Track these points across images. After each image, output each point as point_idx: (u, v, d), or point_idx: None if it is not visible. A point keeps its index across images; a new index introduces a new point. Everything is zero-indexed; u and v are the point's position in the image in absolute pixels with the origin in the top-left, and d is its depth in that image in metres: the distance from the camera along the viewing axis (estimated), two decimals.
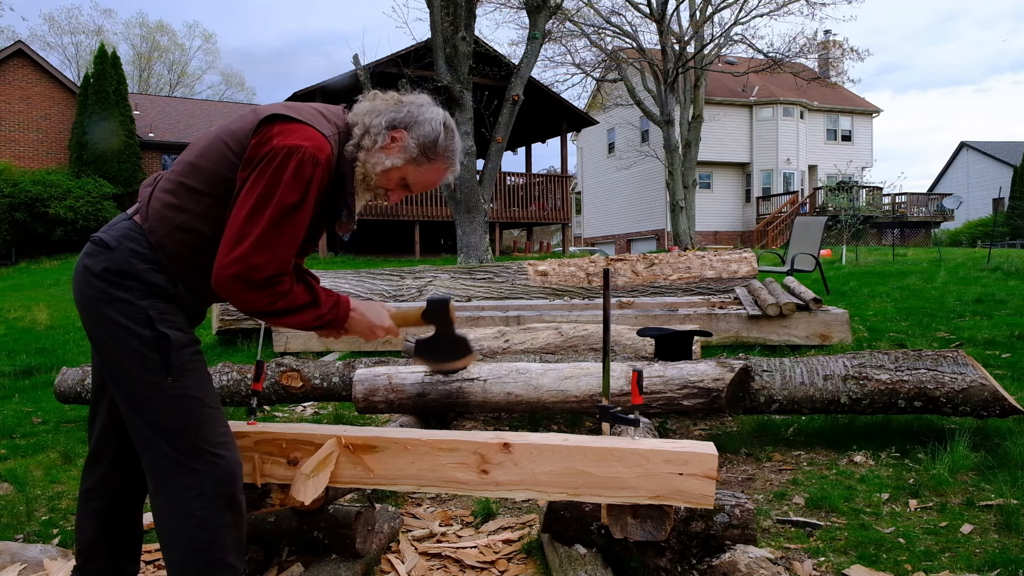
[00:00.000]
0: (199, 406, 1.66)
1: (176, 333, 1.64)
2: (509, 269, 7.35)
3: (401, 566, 2.27)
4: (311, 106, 1.73)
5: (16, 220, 18.56)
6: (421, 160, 1.73)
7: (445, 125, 1.76)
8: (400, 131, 1.72)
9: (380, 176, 1.73)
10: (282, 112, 1.64)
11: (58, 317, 8.56)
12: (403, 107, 1.74)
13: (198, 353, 1.71)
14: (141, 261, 1.63)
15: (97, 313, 1.63)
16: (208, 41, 62.99)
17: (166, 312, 1.64)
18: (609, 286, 2.39)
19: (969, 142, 38.69)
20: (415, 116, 1.73)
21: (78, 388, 3.99)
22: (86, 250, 1.68)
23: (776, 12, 21.73)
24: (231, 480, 1.67)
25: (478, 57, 14.15)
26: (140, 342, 1.61)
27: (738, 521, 2.10)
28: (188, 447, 1.63)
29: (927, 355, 3.19)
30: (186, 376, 1.64)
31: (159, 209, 1.65)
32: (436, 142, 1.73)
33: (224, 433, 1.70)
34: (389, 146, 1.71)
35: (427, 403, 3.24)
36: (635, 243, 30.97)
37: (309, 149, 1.59)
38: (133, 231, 1.65)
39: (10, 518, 2.80)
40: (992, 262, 10.15)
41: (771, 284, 6.37)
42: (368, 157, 1.71)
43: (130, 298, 1.61)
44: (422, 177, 1.77)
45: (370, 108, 1.75)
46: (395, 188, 1.77)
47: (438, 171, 1.78)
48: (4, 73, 21.29)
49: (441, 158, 1.76)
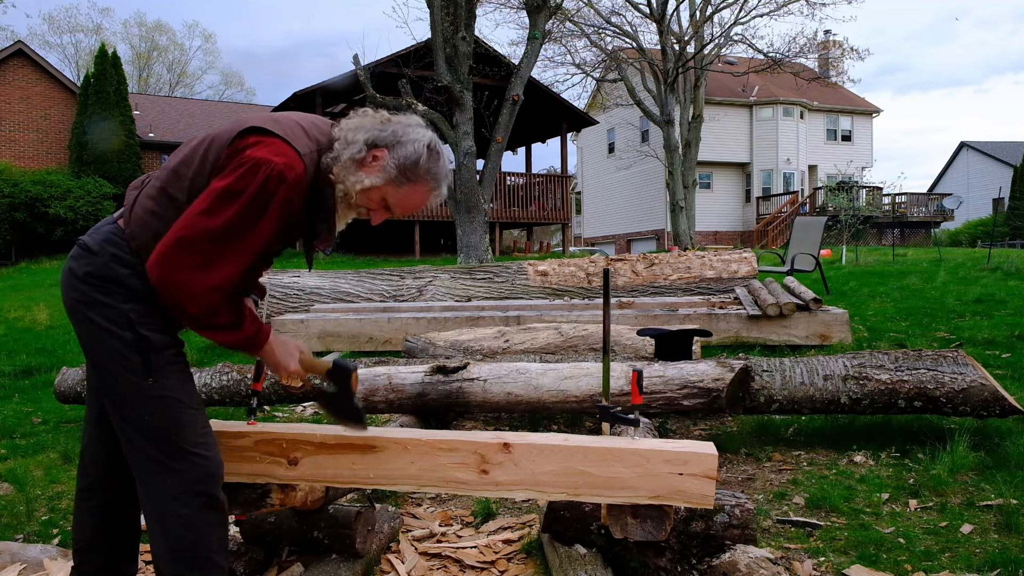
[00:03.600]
0: (179, 407, 1.67)
1: (156, 335, 1.65)
2: (509, 269, 7.35)
3: (401, 566, 2.27)
4: (295, 119, 1.71)
5: (16, 220, 18.55)
6: (401, 181, 1.69)
7: (429, 147, 1.71)
8: (381, 150, 1.69)
9: (359, 195, 1.69)
10: (261, 125, 1.63)
11: (58, 317, 8.55)
12: (389, 126, 1.71)
13: (179, 355, 1.72)
14: (122, 266, 1.64)
15: (81, 316, 1.66)
16: (208, 41, 63.07)
17: (146, 315, 1.65)
18: (609, 286, 2.39)
19: (969, 142, 38.68)
20: (399, 136, 1.70)
21: (78, 388, 3.99)
22: (72, 253, 1.70)
23: (776, 12, 21.74)
24: (212, 480, 1.69)
25: (478, 57, 14.15)
26: (122, 344, 1.63)
27: (738, 521, 2.10)
28: (169, 447, 1.65)
29: (927, 355, 3.19)
30: (166, 377, 1.66)
31: (141, 215, 1.66)
32: (417, 163, 1.69)
33: (205, 434, 1.72)
34: (370, 164, 1.68)
35: (427, 403, 3.24)
36: (635, 243, 30.97)
37: (278, 165, 1.56)
38: (115, 235, 1.67)
39: (10, 518, 2.80)
40: (992, 262, 10.15)
41: (771, 284, 6.37)
42: (344, 173, 1.68)
43: (111, 302, 1.63)
44: (403, 199, 1.73)
45: (357, 124, 1.72)
46: (376, 208, 1.74)
47: (420, 193, 1.73)
48: (4, 73, 21.28)
49: (422, 180, 1.71)
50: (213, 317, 1.63)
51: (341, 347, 5.80)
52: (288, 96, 18.25)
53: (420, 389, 3.24)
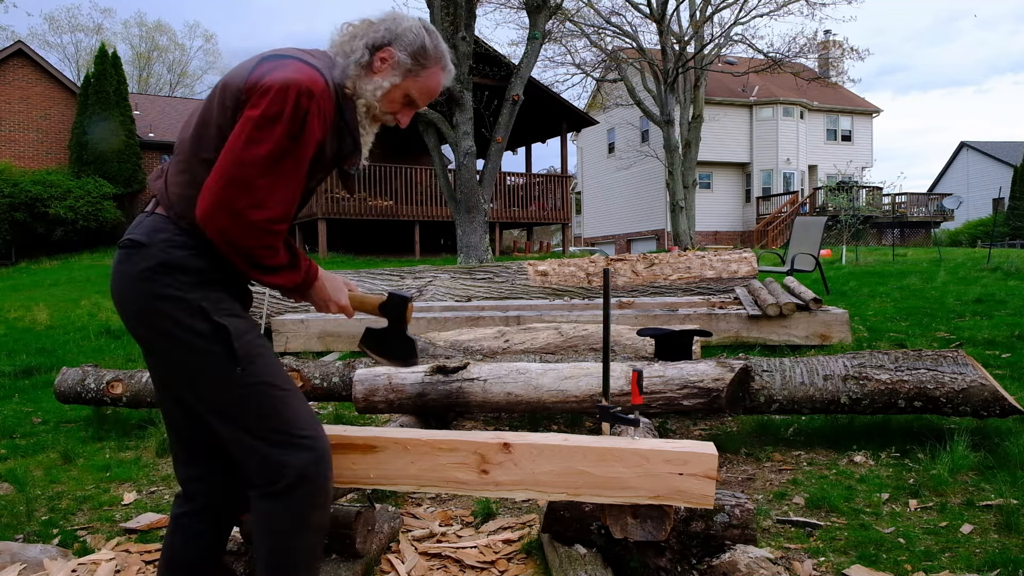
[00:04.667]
0: (275, 391, 1.60)
1: (234, 320, 1.58)
2: (509, 269, 7.35)
3: (401, 566, 2.27)
4: (296, 48, 1.66)
5: (16, 220, 18.54)
6: (417, 69, 1.66)
7: (426, 28, 1.69)
8: (386, 49, 1.65)
9: (383, 100, 1.66)
10: (270, 53, 1.58)
11: (58, 317, 8.55)
12: (379, 25, 1.67)
13: (260, 337, 1.65)
14: (179, 248, 1.56)
15: (146, 316, 1.56)
16: (209, 41, 63.00)
17: (219, 300, 1.57)
18: (609, 286, 2.39)
19: (969, 142, 38.67)
20: (394, 30, 1.66)
21: (78, 388, 3.99)
22: (118, 257, 1.60)
23: (776, 12, 21.73)
24: (322, 461, 1.62)
25: (478, 57, 14.15)
26: (199, 337, 1.54)
27: (738, 521, 2.10)
28: (272, 435, 1.58)
29: (927, 355, 3.19)
30: (253, 363, 1.58)
31: (178, 192, 1.58)
32: (424, 47, 1.66)
33: (308, 415, 1.64)
34: (380, 68, 1.65)
35: (427, 403, 3.24)
36: (635, 243, 30.97)
37: (305, 82, 1.50)
38: (161, 223, 1.59)
39: (10, 518, 2.80)
40: (992, 262, 10.15)
41: (771, 284, 6.37)
42: (360, 84, 1.64)
43: (179, 293, 1.54)
44: (423, 86, 1.69)
45: (347, 35, 1.68)
46: (400, 108, 1.71)
47: (435, 76, 1.70)
48: (4, 73, 21.27)
49: (434, 61, 1.69)
50: (274, 256, 1.55)
51: (341, 347, 5.80)
52: None
53: (420, 389, 3.24)
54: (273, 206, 1.50)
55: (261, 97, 1.49)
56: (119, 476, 3.27)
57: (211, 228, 1.50)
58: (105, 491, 3.10)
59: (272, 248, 1.54)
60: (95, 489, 3.13)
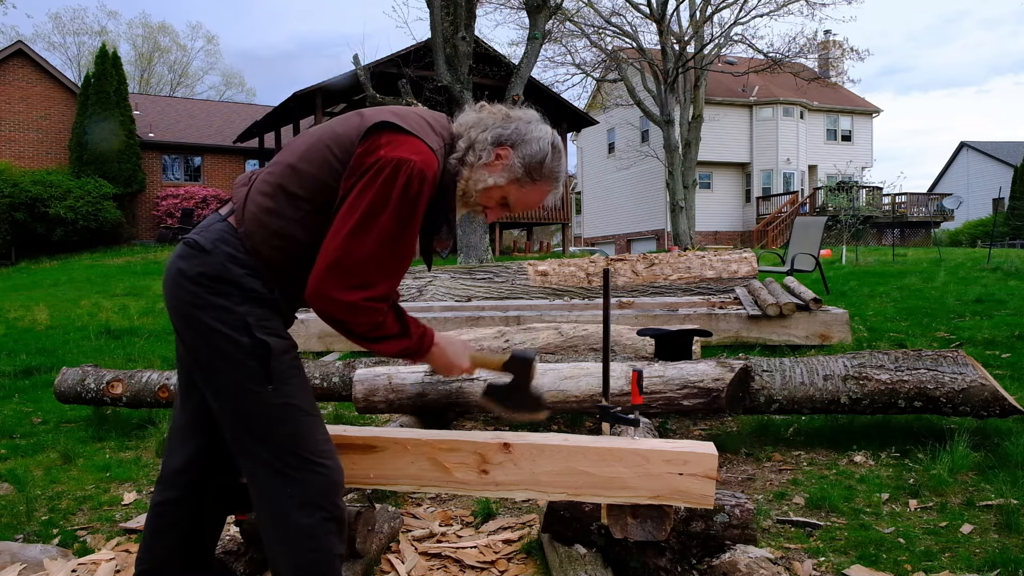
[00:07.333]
0: (301, 414, 1.60)
1: (275, 340, 1.59)
2: (509, 269, 7.35)
3: (401, 566, 2.27)
4: (417, 114, 1.64)
5: (16, 220, 18.55)
6: (525, 180, 1.65)
7: (553, 145, 1.66)
8: (506, 148, 1.63)
9: (481, 194, 1.66)
10: (391, 120, 1.55)
11: (58, 317, 8.55)
12: (511, 123, 1.65)
13: (297, 359, 1.66)
14: (237, 266, 1.56)
15: (192, 318, 1.57)
16: (210, 43, 62.95)
17: (264, 318, 1.58)
18: (609, 286, 2.39)
19: (969, 142, 38.67)
20: (523, 134, 1.64)
21: (78, 388, 3.99)
22: (179, 252, 1.61)
23: (776, 12, 21.76)
24: (335, 490, 1.63)
25: (478, 57, 14.15)
26: (238, 349, 1.55)
27: (738, 521, 2.10)
28: (290, 457, 1.58)
29: (927, 355, 3.19)
30: (286, 384, 1.59)
31: (255, 213, 1.58)
32: (543, 163, 1.65)
33: (326, 441, 1.65)
34: (493, 163, 1.63)
35: (427, 403, 3.25)
36: (635, 243, 30.96)
37: (418, 164, 1.50)
38: (228, 234, 1.59)
39: (10, 518, 2.80)
40: (992, 262, 10.16)
41: (771, 284, 6.37)
42: (472, 173, 1.63)
43: (227, 304, 1.55)
44: (524, 197, 1.68)
45: (476, 121, 1.66)
46: (494, 207, 1.70)
47: (541, 192, 1.69)
48: (4, 73, 21.28)
49: (546, 179, 1.67)
50: (381, 329, 1.58)
51: (341, 347, 5.80)
52: (287, 96, 18.24)
53: (420, 389, 3.24)
54: (378, 286, 1.53)
55: (373, 175, 1.49)
56: (119, 476, 3.27)
57: (316, 308, 1.54)
58: (105, 491, 3.10)
59: (378, 324, 1.57)
60: (95, 489, 3.12)
